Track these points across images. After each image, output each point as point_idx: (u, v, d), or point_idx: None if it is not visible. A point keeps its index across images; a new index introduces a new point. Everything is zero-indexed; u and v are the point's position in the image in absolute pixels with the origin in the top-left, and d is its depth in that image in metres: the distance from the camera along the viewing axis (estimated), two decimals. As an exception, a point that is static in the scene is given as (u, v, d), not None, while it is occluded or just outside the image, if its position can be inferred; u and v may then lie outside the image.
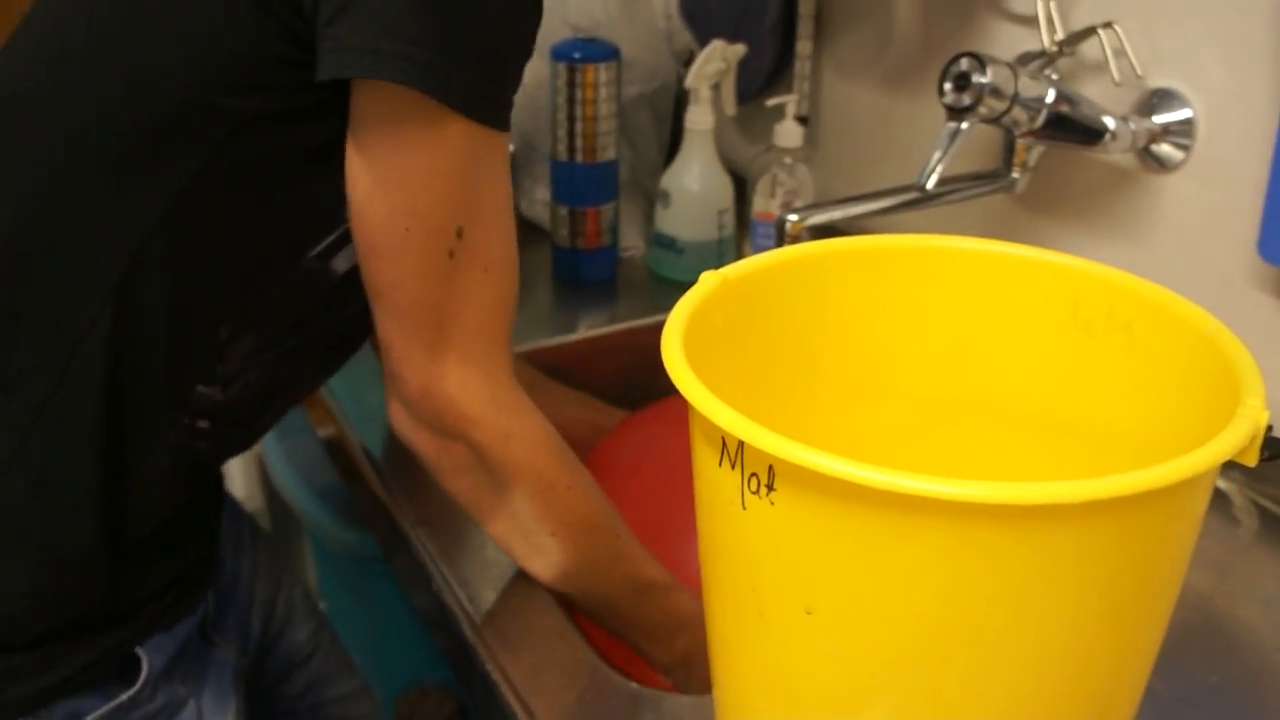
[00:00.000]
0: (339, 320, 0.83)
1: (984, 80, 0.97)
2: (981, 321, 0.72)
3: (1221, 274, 1.00)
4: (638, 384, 1.23)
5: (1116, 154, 1.04)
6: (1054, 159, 1.09)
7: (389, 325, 0.74)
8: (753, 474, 0.53)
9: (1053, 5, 1.05)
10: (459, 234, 0.72)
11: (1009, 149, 1.07)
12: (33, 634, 0.75)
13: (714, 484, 0.56)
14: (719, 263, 1.33)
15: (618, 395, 1.20)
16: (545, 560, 0.81)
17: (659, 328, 0.61)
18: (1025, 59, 1.07)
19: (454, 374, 0.74)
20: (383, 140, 0.69)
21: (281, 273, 0.78)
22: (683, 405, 0.56)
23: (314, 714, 1.06)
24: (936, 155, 1.02)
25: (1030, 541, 0.51)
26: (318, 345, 0.84)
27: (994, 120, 1.01)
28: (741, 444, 0.53)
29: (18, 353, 0.74)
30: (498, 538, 0.82)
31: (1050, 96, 1.00)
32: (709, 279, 0.66)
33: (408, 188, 0.70)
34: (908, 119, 1.30)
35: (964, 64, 0.98)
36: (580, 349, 1.23)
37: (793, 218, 1.02)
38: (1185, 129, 1.02)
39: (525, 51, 0.73)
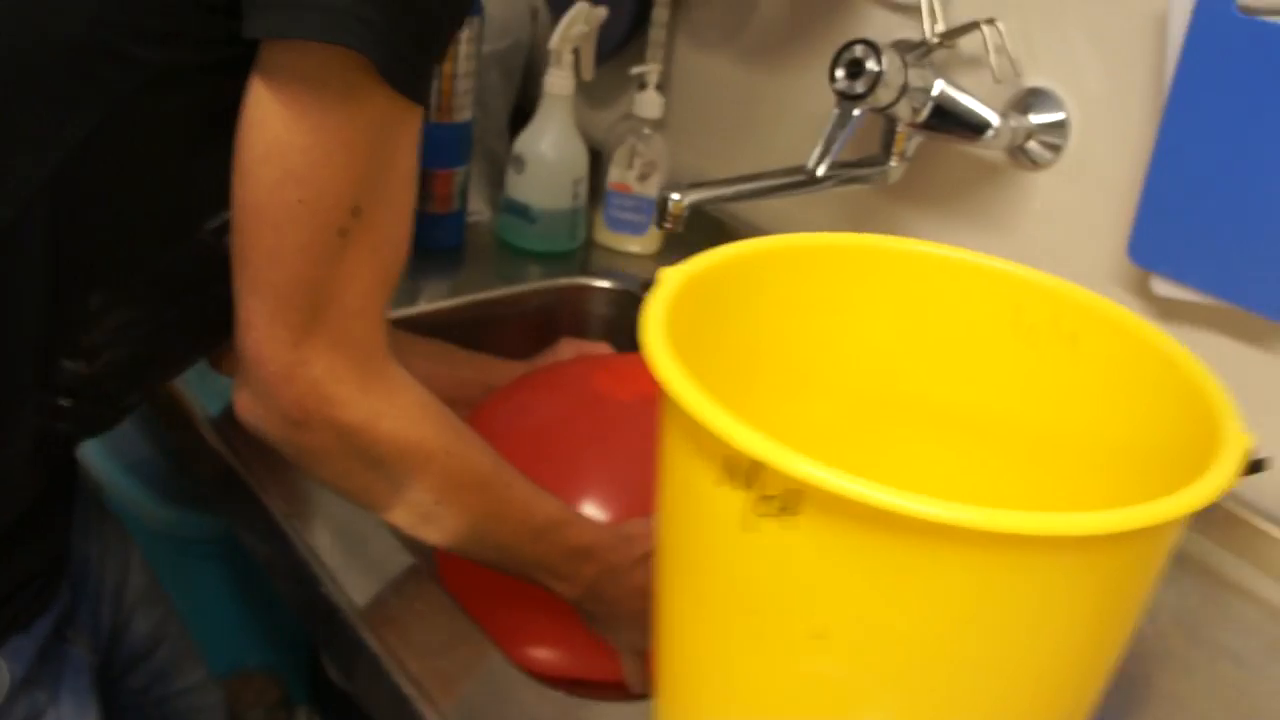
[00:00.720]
0: (221, 296, 0.75)
1: (877, 69, 0.96)
2: (928, 324, 0.71)
3: (1087, 272, 1.03)
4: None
5: (992, 149, 1.06)
6: (924, 150, 1.10)
7: (253, 302, 0.66)
8: (768, 496, 0.50)
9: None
10: (354, 212, 0.65)
11: (888, 138, 1.07)
12: None
13: (709, 502, 0.53)
14: (571, 233, 1.30)
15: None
16: (438, 527, 0.76)
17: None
18: (901, 47, 1.06)
19: (321, 358, 0.68)
20: (294, 101, 0.62)
21: (170, 243, 0.70)
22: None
23: (160, 708, 0.98)
24: (826, 141, 1.01)
25: (1043, 567, 0.51)
26: (194, 321, 0.76)
27: (881, 109, 1.00)
28: (758, 465, 0.50)
29: None
30: (384, 517, 0.77)
31: (937, 89, 1.01)
32: (672, 275, 0.63)
33: (310, 156, 0.63)
34: (766, 96, 1.29)
35: (858, 51, 0.97)
36: (433, 320, 1.17)
37: (675, 196, 0.99)
38: (1058, 129, 1.04)
39: (457, 24, 0.68)
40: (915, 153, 1.08)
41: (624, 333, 1.20)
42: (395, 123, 0.66)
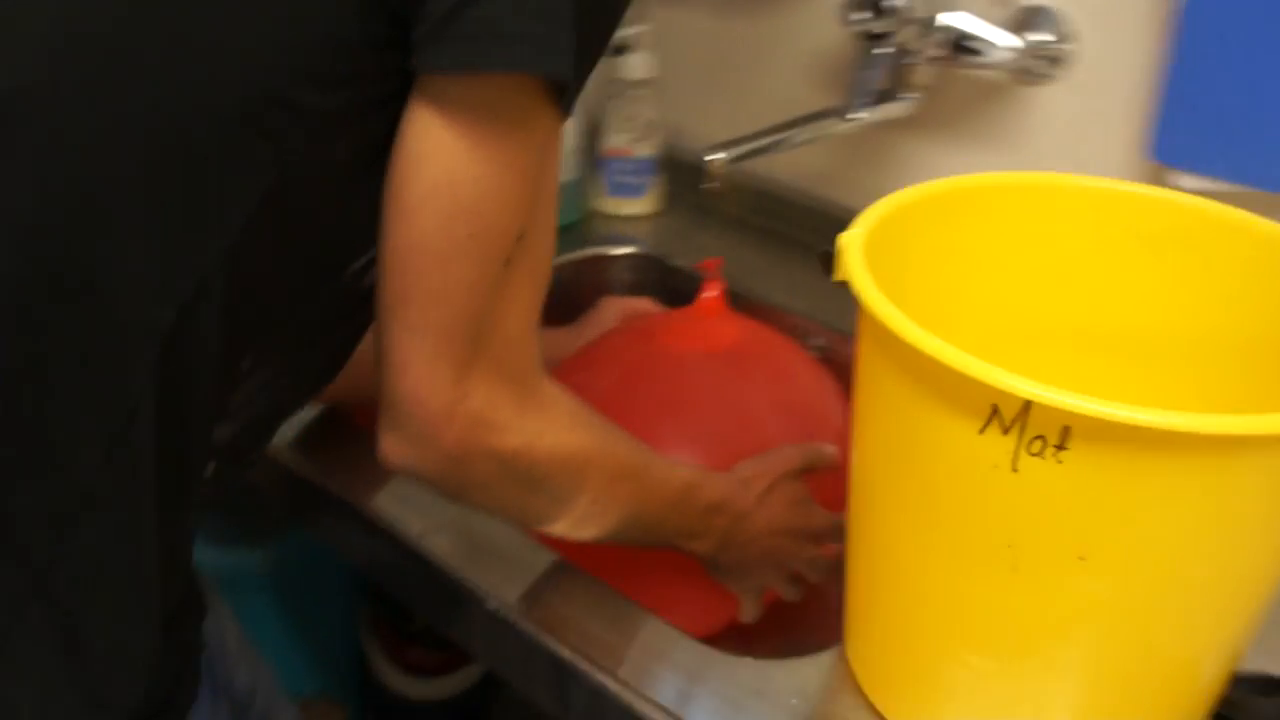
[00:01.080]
0: (345, 336, 0.74)
1: (899, 4, 0.99)
2: (1066, 250, 0.74)
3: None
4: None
5: (1000, 70, 1.09)
6: (931, 78, 1.13)
7: (413, 343, 0.63)
8: (1037, 436, 0.53)
9: (925, -73, 1.09)
10: (519, 239, 0.64)
11: (899, 71, 1.09)
12: None
13: (969, 451, 0.56)
14: (575, 205, 1.30)
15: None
16: (595, 526, 0.77)
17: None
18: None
19: (481, 389, 0.66)
20: (468, 132, 0.60)
21: (319, 292, 0.68)
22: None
23: None
24: (856, 83, 1.03)
25: (1267, 464, 0.55)
26: (317, 365, 0.74)
27: (901, 45, 1.03)
28: (1028, 405, 0.52)
29: (63, 422, 0.60)
30: (543, 530, 0.78)
31: (948, 19, 1.04)
32: (853, 237, 0.65)
33: (481, 187, 0.61)
34: (748, 44, 1.31)
35: (877, -9, 1.00)
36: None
37: (717, 156, 1.01)
38: (1059, 43, 1.08)
39: (612, 34, 0.67)
40: (929, 83, 1.10)
41: (650, 294, 1.21)
42: (554, 140, 0.65)
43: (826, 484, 0.90)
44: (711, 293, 1.03)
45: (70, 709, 0.60)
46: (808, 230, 1.28)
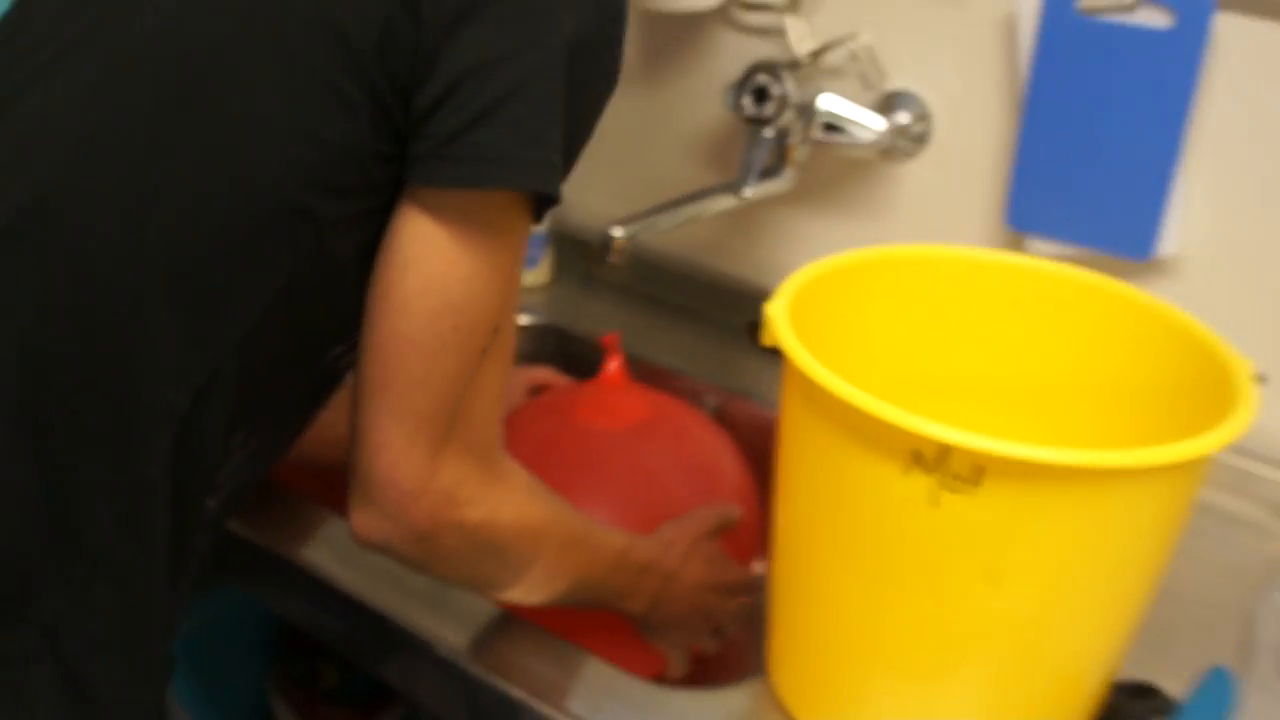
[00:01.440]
0: (316, 414, 0.80)
1: (782, 92, 1.09)
2: (955, 315, 0.84)
3: (967, 243, 1.19)
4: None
5: (870, 149, 1.20)
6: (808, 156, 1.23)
7: (391, 427, 0.68)
8: (955, 475, 0.62)
9: (800, 20, 1.19)
10: (495, 331, 0.71)
11: (782, 150, 1.19)
12: None
13: (893, 490, 0.64)
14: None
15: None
16: (547, 591, 0.83)
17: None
18: (772, 67, 1.19)
19: (450, 467, 0.71)
20: (459, 238, 0.66)
21: (306, 375, 0.74)
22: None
23: None
24: (746, 163, 1.12)
25: (1157, 489, 0.65)
26: (291, 439, 0.80)
27: (782, 127, 1.13)
28: (948, 449, 0.61)
29: (80, 494, 0.64)
30: (500, 597, 0.82)
31: (824, 105, 1.14)
32: (777, 306, 0.73)
33: (470, 286, 0.67)
34: (631, 123, 1.39)
35: (762, 79, 1.10)
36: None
37: (617, 232, 1.09)
38: (923, 123, 1.20)
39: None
40: (805, 160, 1.21)
41: (548, 362, 1.28)
42: (524, 240, 0.72)
43: (731, 541, 0.99)
44: (613, 366, 1.10)
45: None
46: (695, 298, 1.37)
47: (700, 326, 1.33)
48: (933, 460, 0.62)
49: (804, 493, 0.72)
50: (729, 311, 1.33)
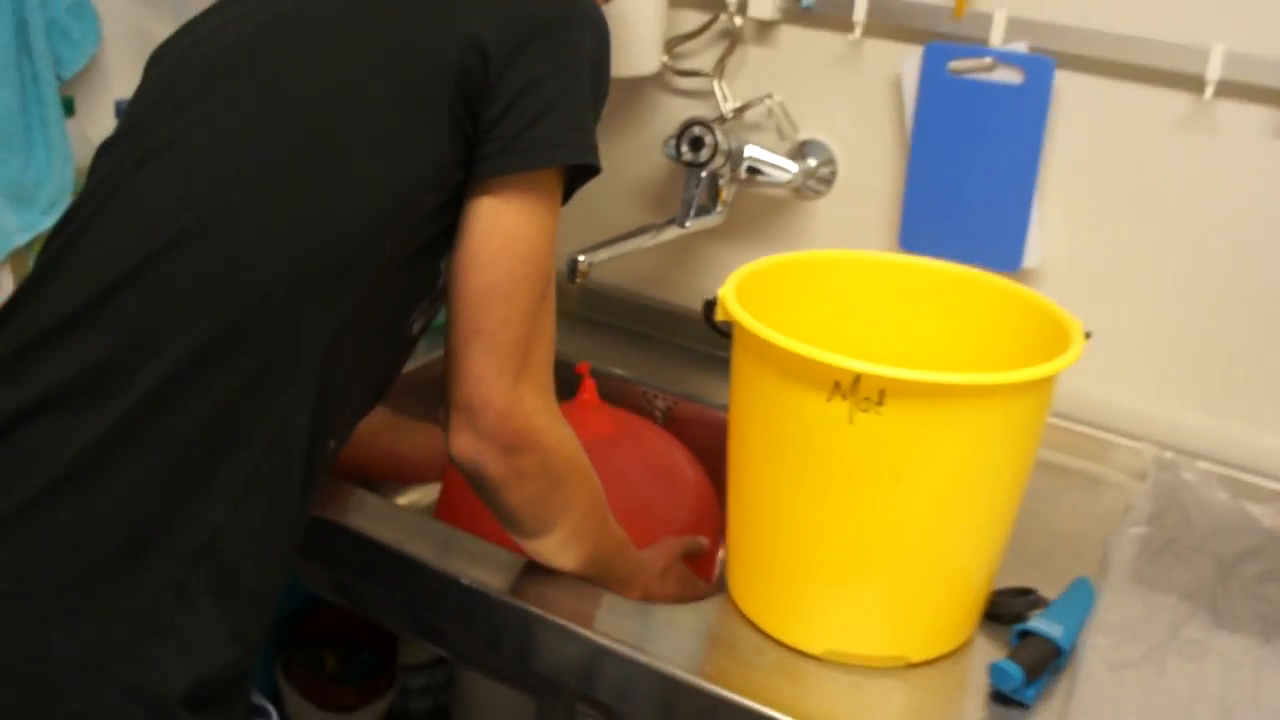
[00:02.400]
0: (399, 370, 1.00)
1: (715, 141, 1.32)
2: (863, 299, 1.07)
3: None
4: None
5: (786, 189, 1.44)
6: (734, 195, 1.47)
7: (485, 361, 0.89)
8: (865, 398, 0.84)
9: (724, 84, 1.44)
10: (549, 279, 0.93)
11: (714, 191, 1.42)
12: (230, 682, 0.85)
13: (819, 413, 0.86)
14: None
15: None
16: (577, 549, 1.01)
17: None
18: (705, 122, 1.42)
19: (528, 395, 0.91)
20: (524, 205, 0.89)
21: (394, 338, 0.95)
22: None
23: None
24: (685, 201, 1.35)
25: (1019, 403, 0.88)
26: (381, 394, 1.00)
27: (714, 171, 1.36)
28: (859, 377, 0.84)
29: (241, 426, 0.84)
30: (540, 541, 0.99)
31: (749, 151, 1.38)
32: (729, 286, 0.95)
33: (533, 241, 0.90)
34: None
35: (697, 130, 1.33)
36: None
37: (582, 258, 1.31)
38: (830, 168, 1.44)
39: None
40: (733, 199, 1.44)
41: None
42: (559, 206, 0.94)
43: (697, 563, 1.20)
44: (588, 391, 1.31)
45: (218, 635, 0.83)
46: (640, 322, 1.59)
47: (646, 344, 1.55)
48: (848, 388, 0.84)
49: (751, 428, 0.94)
50: (669, 332, 1.55)
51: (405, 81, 0.88)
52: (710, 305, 0.94)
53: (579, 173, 0.94)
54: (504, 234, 0.90)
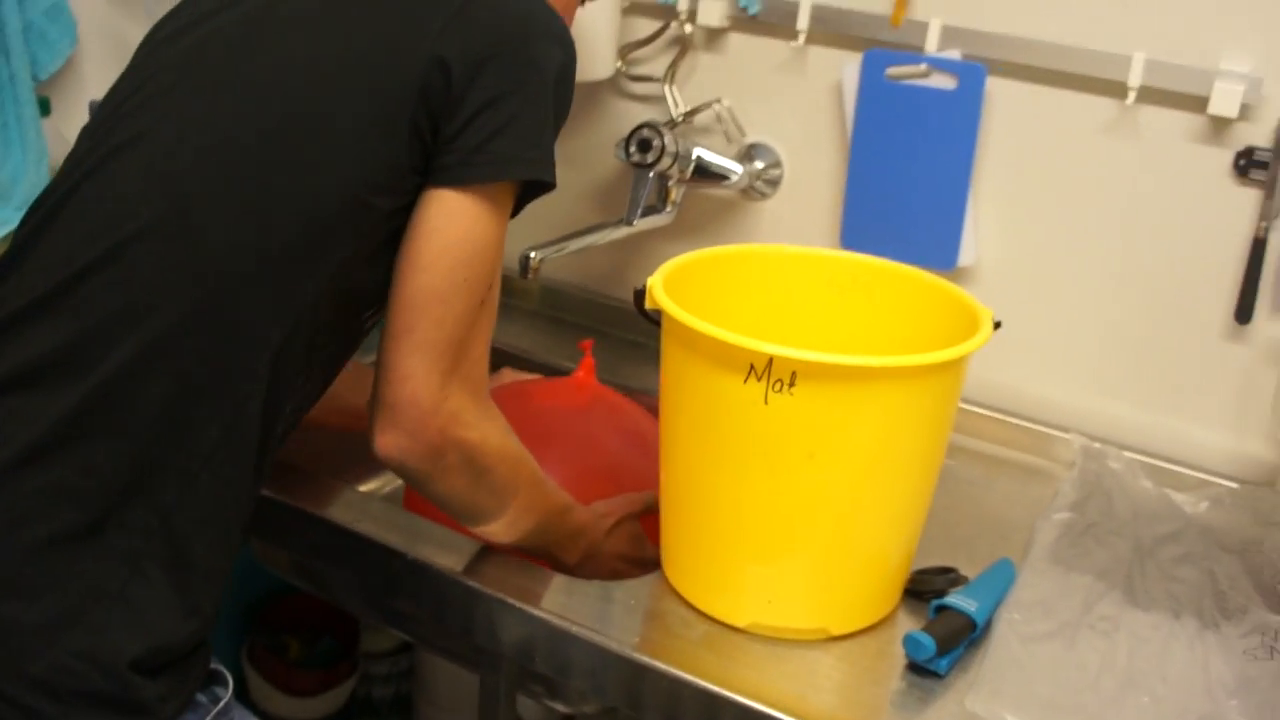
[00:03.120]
0: (346, 361, 1.05)
1: (662, 144, 1.38)
2: (794, 289, 1.13)
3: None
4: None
5: (731, 190, 1.49)
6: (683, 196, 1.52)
7: (415, 359, 0.93)
8: (777, 380, 0.90)
9: (675, 89, 1.49)
10: (490, 286, 0.97)
11: (663, 192, 1.47)
12: (185, 650, 0.89)
13: (737, 394, 0.92)
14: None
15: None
16: (516, 529, 1.05)
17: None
18: (654, 125, 1.47)
19: (455, 395, 0.95)
20: (471, 212, 0.93)
21: (349, 330, 0.99)
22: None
23: None
24: (633, 200, 1.40)
25: (928, 386, 0.93)
26: (330, 380, 1.04)
27: (660, 172, 1.42)
28: (771, 359, 0.89)
29: (199, 408, 0.89)
30: (483, 526, 1.04)
31: (696, 154, 1.44)
32: (659, 276, 1.01)
33: (477, 246, 0.94)
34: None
35: (646, 132, 1.38)
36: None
37: (533, 254, 1.36)
38: (776, 169, 1.49)
39: None
40: (682, 199, 1.49)
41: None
42: (508, 217, 0.98)
43: (647, 522, 1.22)
44: (585, 368, 1.35)
45: (173, 611, 0.88)
46: (591, 318, 1.64)
47: (601, 340, 1.60)
48: (761, 370, 0.90)
49: (678, 411, 0.99)
50: (623, 328, 1.60)
51: (368, 92, 0.93)
52: (640, 294, 0.99)
53: (532, 187, 0.98)
54: (447, 238, 0.94)
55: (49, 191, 0.97)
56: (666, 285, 1.01)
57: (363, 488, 1.47)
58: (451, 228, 0.94)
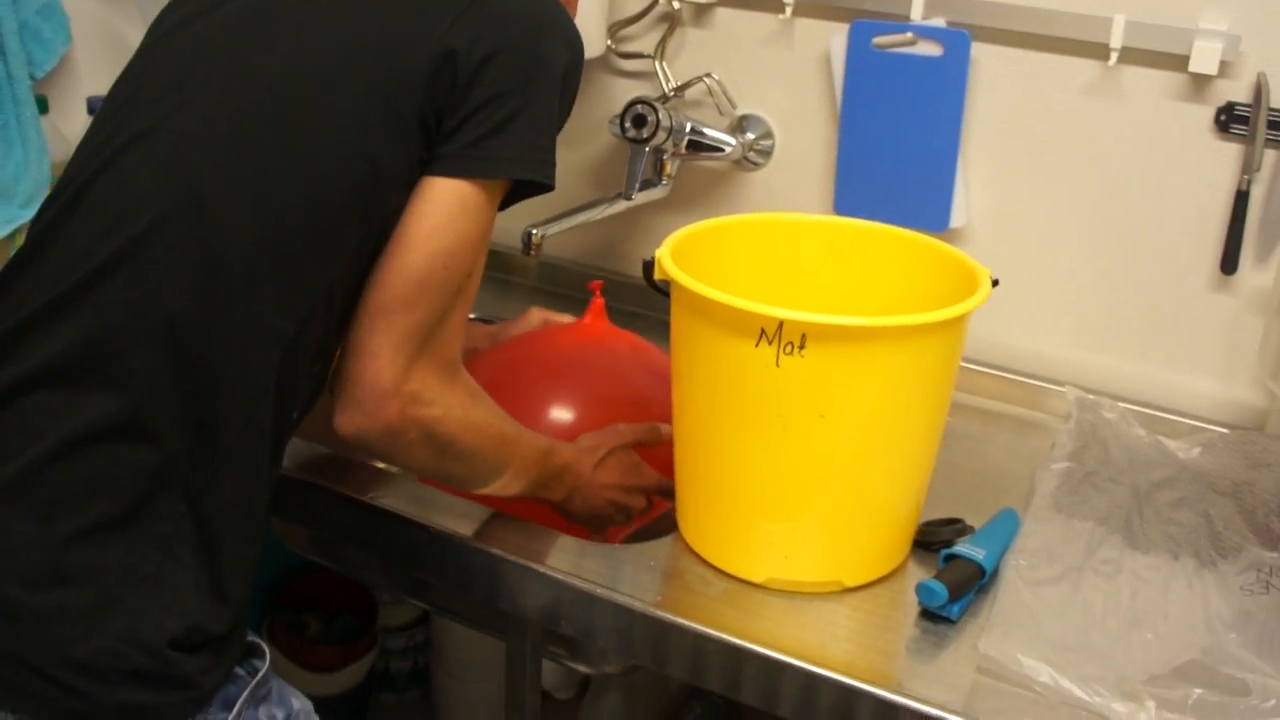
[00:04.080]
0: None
1: (656, 119, 1.41)
2: (798, 255, 1.16)
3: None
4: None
5: (726, 160, 1.52)
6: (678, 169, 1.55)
7: (381, 339, 0.95)
8: (788, 342, 0.93)
9: (665, 64, 1.52)
10: (469, 275, 0.99)
11: (658, 165, 1.50)
12: (222, 627, 0.92)
13: (749, 358, 0.95)
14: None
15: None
16: (492, 480, 1.08)
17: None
18: (647, 100, 1.50)
19: (419, 374, 0.96)
20: (460, 203, 0.95)
21: (349, 315, 1.00)
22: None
23: None
24: (630, 175, 1.44)
25: (930, 344, 0.97)
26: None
27: (655, 146, 1.44)
28: (781, 323, 0.92)
29: (217, 403, 0.92)
30: (469, 489, 1.08)
31: (689, 127, 1.47)
32: (668, 244, 1.04)
33: (461, 237, 0.96)
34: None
35: (640, 109, 1.41)
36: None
37: (535, 231, 1.39)
38: (767, 140, 1.52)
39: None
40: (677, 172, 1.52)
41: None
42: (495, 213, 1.00)
43: (659, 455, 1.23)
44: (596, 308, 1.37)
45: (205, 590, 0.92)
46: (587, 291, 1.67)
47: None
48: (772, 333, 0.93)
49: (691, 377, 1.02)
50: (621, 300, 1.63)
51: (378, 86, 0.95)
52: (649, 266, 1.02)
53: (525, 186, 1.00)
54: (432, 224, 0.96)
55: (64, 184, 0.99)
56: (673, 256, 1.04)
57: (379, 463, 1.50)
58: (439, 215, 0.96)
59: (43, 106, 1.51)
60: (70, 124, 1.57)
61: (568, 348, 1.34)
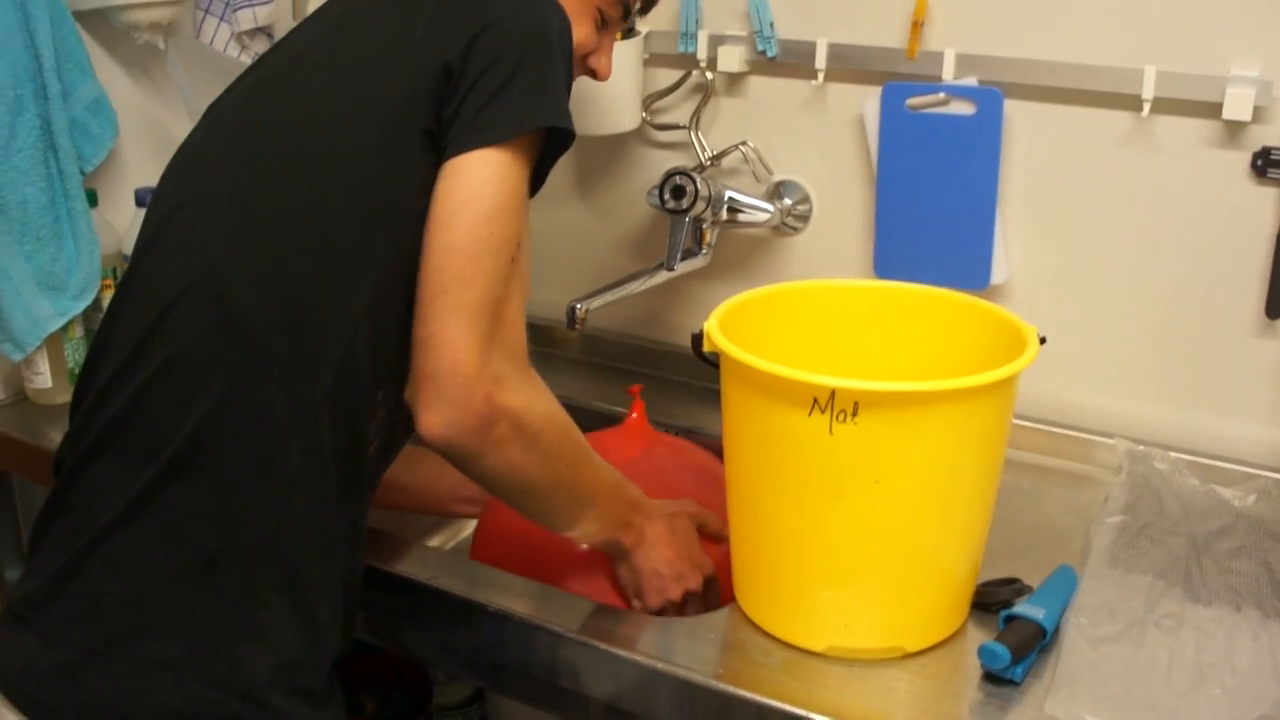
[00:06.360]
0: None
1: (696, 190, 1.42)
2: (843, 319, 1.17)
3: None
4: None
5: (764, 228, 1.54)
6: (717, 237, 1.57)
7: (450, 322, 0.91)
8: (841, 410, 0.93)
9: (701, 134, 1.54)
10: (515, 244, 0.96)
11: (698, 235, 1.52)
12: (318, 663, 0.95)
13: (802, 428, 0.95)
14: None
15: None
16: (565, 499, 1.06)
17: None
18: (684, 171, 1.52)
19: (496, 361, 0.93)
20: (494, 165, 0.94)
21: (408, 335, 0.97)
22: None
23: None
24: (671, 245, 1.45)
25: (982, 405, 0.97)
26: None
27: (697, 215, 1.46)
28: (834, 392, 0.93)
29: (269, 434, 0.93)
30: (538, 501, 1.05)
31: (728, 196, 1.48)
32: (720, 310, 1.05)
33: (494, 202, 0.93)
34: (573, 231, 1.72)
35: (678, 180, 1.43)
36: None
37: (580, 306, 1.40)
38: (805, 205, 1.54)
39: None
40: (716, 241, 1.54)
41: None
42: (529, 171, 0.99)
43: (710, 548, 1.22)
44: (637, 410, 1.39)
45: (293, 625, 0.93)
46: (635, 361, 1.69)
47: (645, 384, 1.64)
48: (825, 402, 0.93)
49: (744, 448, 1.03)
50: (666, 370, 1.65)
51: (385, 120, 0.96)
52: (698, 339, 1.03)
53: (552, 136, 0.98)
54: (463, 194, 0.94)
55: (125, 273, 1.04)
56: (721, 327, 1.05)
57: (430, 543, 1.51)
58: (468, 188, 0.94)
59: (92, 200, 1.55)
60: (119, 216, 1.61)
61: (613, 457, 1.34)
